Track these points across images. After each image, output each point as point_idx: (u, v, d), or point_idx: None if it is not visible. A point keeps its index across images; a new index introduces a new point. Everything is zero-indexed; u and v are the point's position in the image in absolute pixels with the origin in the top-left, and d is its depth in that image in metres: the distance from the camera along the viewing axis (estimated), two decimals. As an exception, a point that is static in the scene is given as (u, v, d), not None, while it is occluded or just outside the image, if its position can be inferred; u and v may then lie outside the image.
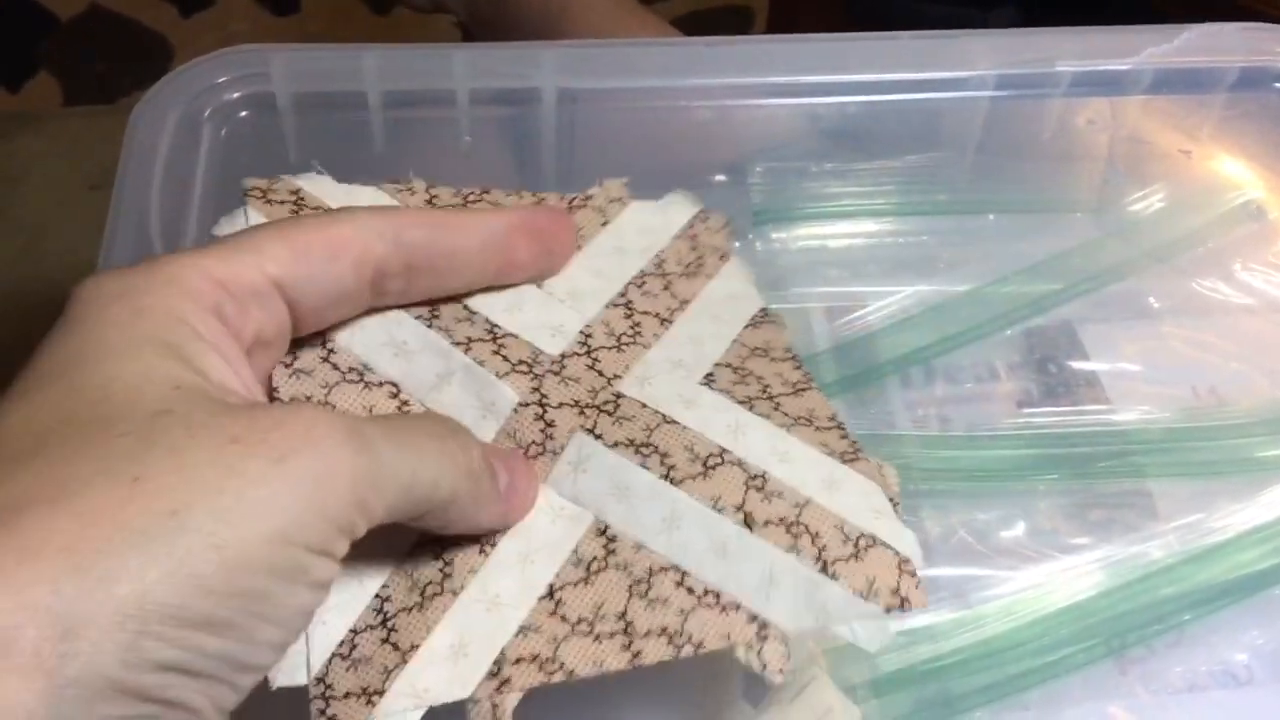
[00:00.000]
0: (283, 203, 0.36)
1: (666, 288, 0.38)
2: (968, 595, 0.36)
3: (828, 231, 0.46)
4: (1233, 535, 0.38)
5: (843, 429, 0.34)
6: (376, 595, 0.30)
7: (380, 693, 0.28)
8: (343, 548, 0.25)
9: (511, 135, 0.45)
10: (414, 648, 0.29)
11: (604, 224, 0.39)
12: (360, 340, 0.33)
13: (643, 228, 0.40)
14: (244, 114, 0.43)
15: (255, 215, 0.35)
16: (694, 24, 1.25)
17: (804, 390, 0.36)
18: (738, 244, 0.41)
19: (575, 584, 0.30)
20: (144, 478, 0.22)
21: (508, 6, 0.60)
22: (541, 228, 0.35)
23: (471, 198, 0.38)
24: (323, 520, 0.24)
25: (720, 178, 0.46)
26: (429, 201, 0.38)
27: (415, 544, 0.31)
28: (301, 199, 0.36)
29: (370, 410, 0.32)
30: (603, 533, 0.31)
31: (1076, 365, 0.42)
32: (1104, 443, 0.40)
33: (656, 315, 0.37)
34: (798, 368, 0.36)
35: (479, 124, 0.44)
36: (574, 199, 0.40)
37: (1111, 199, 0.47)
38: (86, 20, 1.22)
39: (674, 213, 0.40)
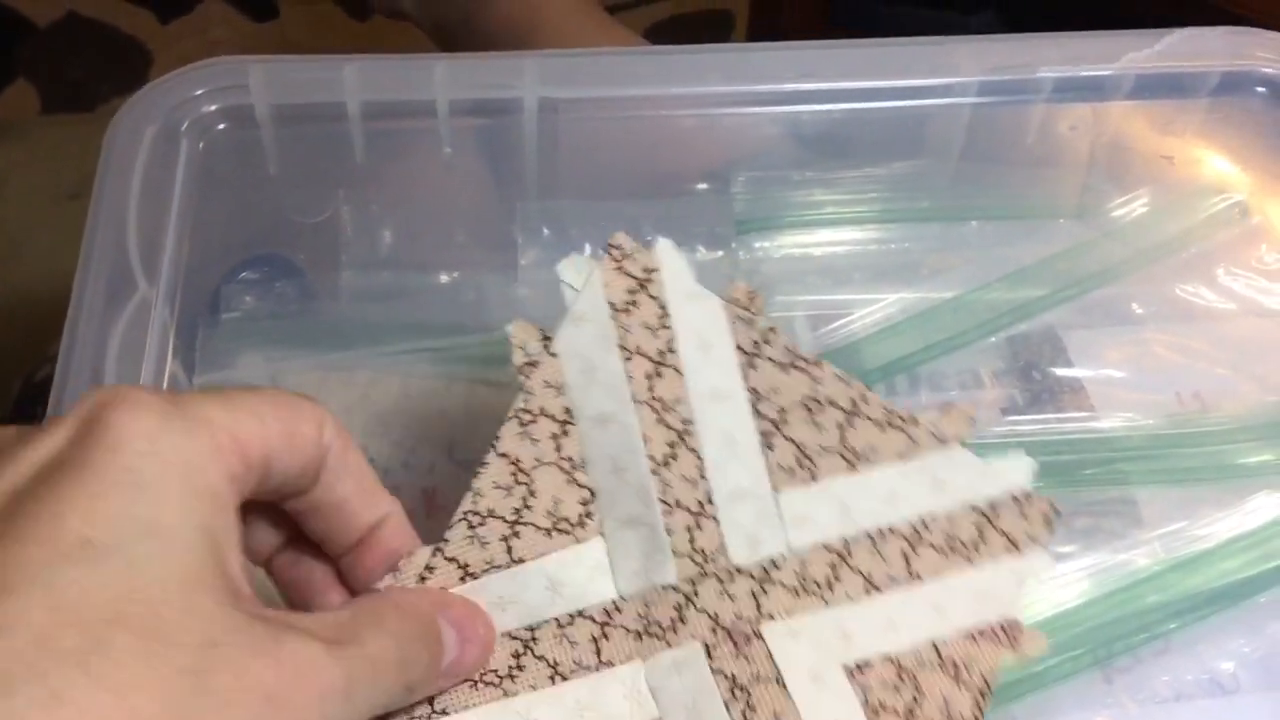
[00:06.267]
0: (632, 277, 0.33)
1: (905, 554, 0.33)
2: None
3: (811, 240, 0.46)
4: (1218, 543, 0.38)
5: None
6: None
7: None
8: None
9: (492, 145, 0.45)
10: None
11: (899, 455, 0.33)
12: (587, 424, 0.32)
13: (939, 482, 0.33)
14: (222, 126, 0.43)
15: (599, 275, 0.33)
16: (674, 27, 1.25)
17: None
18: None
19: None
20: None
21: (475, 25, 0.60)
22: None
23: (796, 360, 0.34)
24: None
25: (703, 186, 0.46)
26: (748, 305, 0.34)
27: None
28: (649, 279, 0.33)
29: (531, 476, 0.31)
30: None
31: (1061, 372, 0.42)
32: (1089, 450, 0.40)
33: (867, 580, 0.32)
34: (983, 694, 0.31)
35: (460, 134, 0.44)
36: (900, 414, 0.34)
37: (1094, 204, 0.47)
38: (64, 27, 1.21)
39: (989, 480, 0.33)
